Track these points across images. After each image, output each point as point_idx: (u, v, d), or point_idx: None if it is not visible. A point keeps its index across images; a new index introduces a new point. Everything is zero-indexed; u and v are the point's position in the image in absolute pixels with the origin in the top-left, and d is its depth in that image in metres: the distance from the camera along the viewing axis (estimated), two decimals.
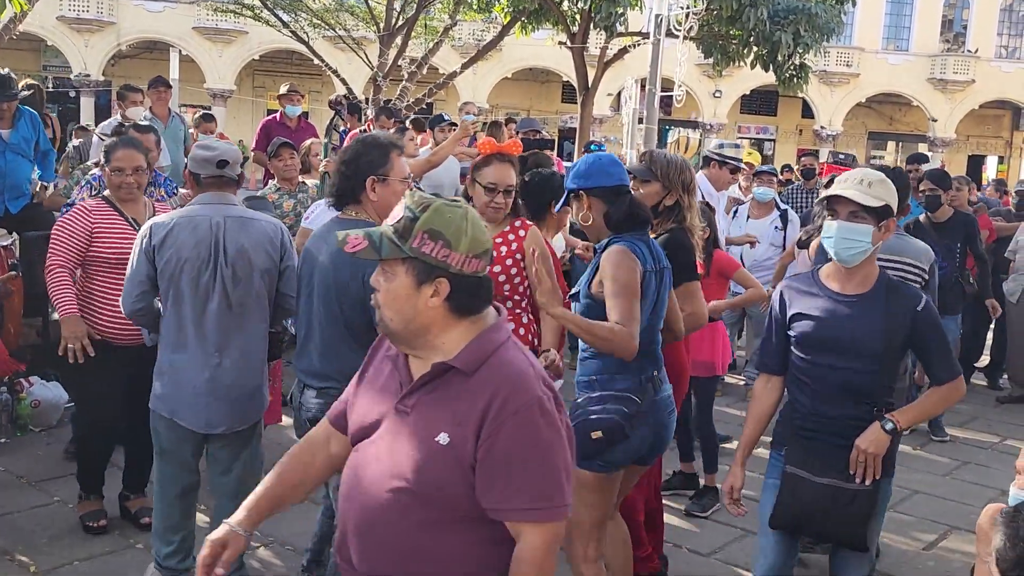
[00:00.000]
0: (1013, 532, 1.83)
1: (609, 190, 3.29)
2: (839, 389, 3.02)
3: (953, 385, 3.04)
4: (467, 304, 1.98)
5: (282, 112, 9.10)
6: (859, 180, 2.97)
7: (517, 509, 1.91)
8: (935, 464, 6.32)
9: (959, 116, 34.29)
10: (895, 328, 2.98)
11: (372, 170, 3.21)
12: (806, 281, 3.14)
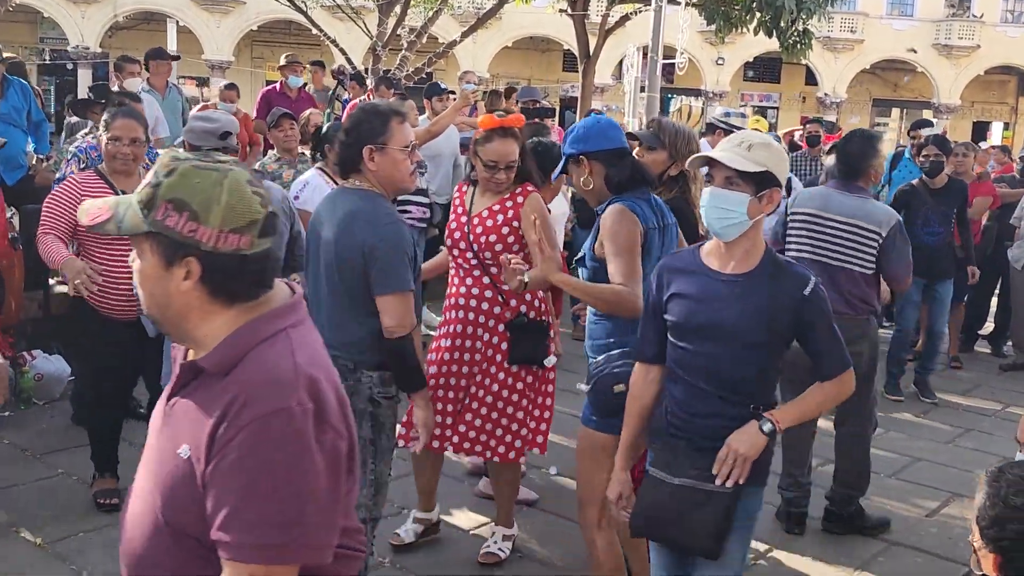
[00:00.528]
0: (994, 491, 1.84)
1: (610, 153, 3.26)
2: (714, 382, 2.68)
3: (842, 379, 2.74)
4: (228, 288, 1.63)
5: (282, 82, 9.04)
6: (739, 142, 2.64)
7: (233, 544, 1.52)
8: (938, 431, 6.33)
9: (964, 82, 34.06)
10: (778, 314, 2.64)
11: (370, 139, 3.18)
12: (686, 258, 2.80)
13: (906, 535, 4.62)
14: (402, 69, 13.37)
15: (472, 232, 3.86)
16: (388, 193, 3.27)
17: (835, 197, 4.47)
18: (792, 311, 2.63)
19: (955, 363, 8.02)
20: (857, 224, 4.38)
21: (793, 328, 2.67)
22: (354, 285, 3.14)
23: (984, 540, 1.85)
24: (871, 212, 4.41)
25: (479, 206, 3.91)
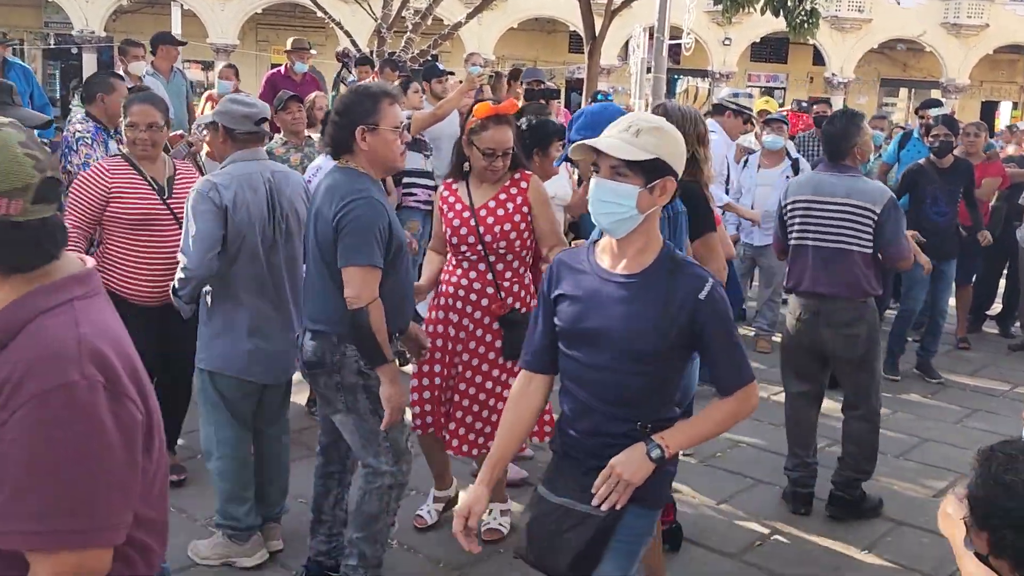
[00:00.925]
0: (985, 470, 1.84)
1: None
2: (600, 397, 2.42)
3: (744, 394, 2.46)
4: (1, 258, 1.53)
5: (288, 66, 9.01)
6: (626, 126, 2.37)
7: (14, 532, 1.44)
8: (945, 411, 6.32)
9: (973, 61, 33.83)
10: (670, 320, 2.35)
11: (362, 119, 3.22)
12: (580, 254, 2.53)
13: (914, 515, 4.62)
14: (407, 51, 13.31)
15: (482, 224, 3.84)
16: (379, 173, 3.33)
17: (825, 180, 4.46)
18: (687, 316, 2.35)
19: (963, 344, 8.01)
20: (851, 204, 4.36)
21: (688, 336, 2.38)
22: (331, 259, 3.21)
23: (975, 518, 1.86)
24: (863, 190, 4.39)
25: (481, 198, 3.88)
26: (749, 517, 4.52)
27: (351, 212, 3.15)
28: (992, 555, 1.86)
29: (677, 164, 2.39)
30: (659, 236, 2.45)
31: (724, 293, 2.41)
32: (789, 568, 4.04)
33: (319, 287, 3.29)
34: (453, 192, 3.96)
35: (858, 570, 4.07)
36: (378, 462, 3.37)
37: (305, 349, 3.35)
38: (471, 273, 3.89)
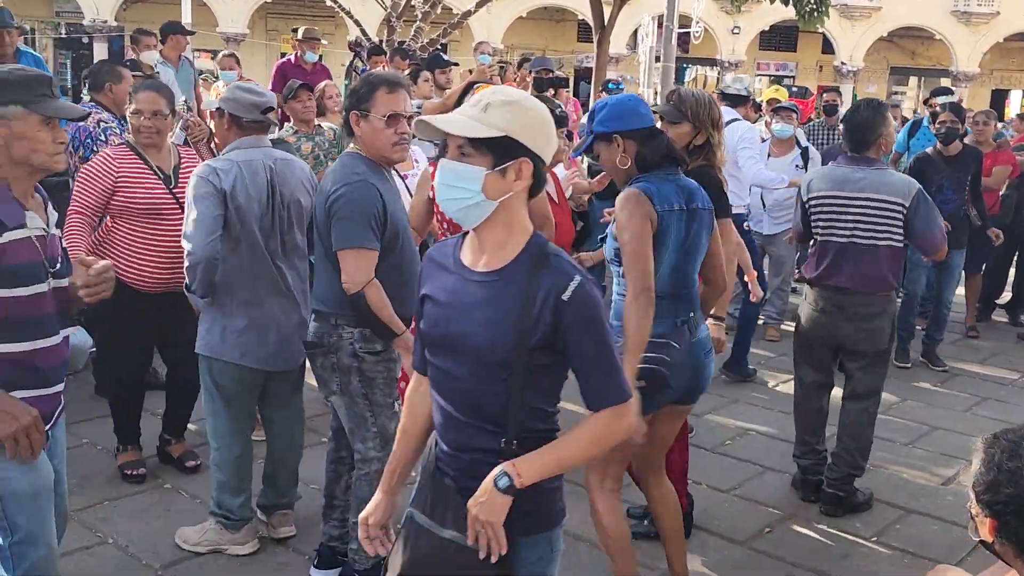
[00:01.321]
0: (989, 456, 1.86)
1: (643, 132, 3.21)
2: (465, 409, 2.17)
3: (614, 414, 2.13)
4: None
5: (298, 55, 9.03)
6: (475, 101, 2.11)
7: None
8: (955, 400, 6.33)
9: (983, 49, 33.63)
10: (532, 323, 2.06)
11: (356, 105, 3.27)
12: (447, 249, 2.27)
13: (923, 503, 4.64)
14: (416, 40, 13.31)
15: None
16: (382, 159, 3.31)
17: (850, 175, 4.34)
18: (550, 319, 2.06)
19: (972, 332, 8.00)
20: (879, 199, 4.26)
21: (552, 341, 2.09)
22: (327, 242, 3.24)
23: (980, 505, 1.88)
24: (890, 183, 4.29)
25: None
26: (758, 504, 4.54)
27: (343, 196, 3.18)
28: (997, 542, 1.88)
29: (535, 143, 2.09)
30: (526, 226, 2.16)
31: (596, 294, 2.11)
32: (798, 555, 4.06)
33: (321, 269, 3.35)
34: None
35: (867, 557, 4.09)
36: (365, 448, 3.41)
37: (310, 332, 3.41)
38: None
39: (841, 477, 4.48)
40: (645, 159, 3.18)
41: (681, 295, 3.23)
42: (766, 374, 6.60)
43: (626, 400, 2.15)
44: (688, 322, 3.24)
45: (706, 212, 3.25)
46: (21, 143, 2.47)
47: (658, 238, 3.11)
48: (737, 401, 5.95)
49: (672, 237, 3.15)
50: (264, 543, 3.91)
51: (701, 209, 3.22)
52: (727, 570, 3.90)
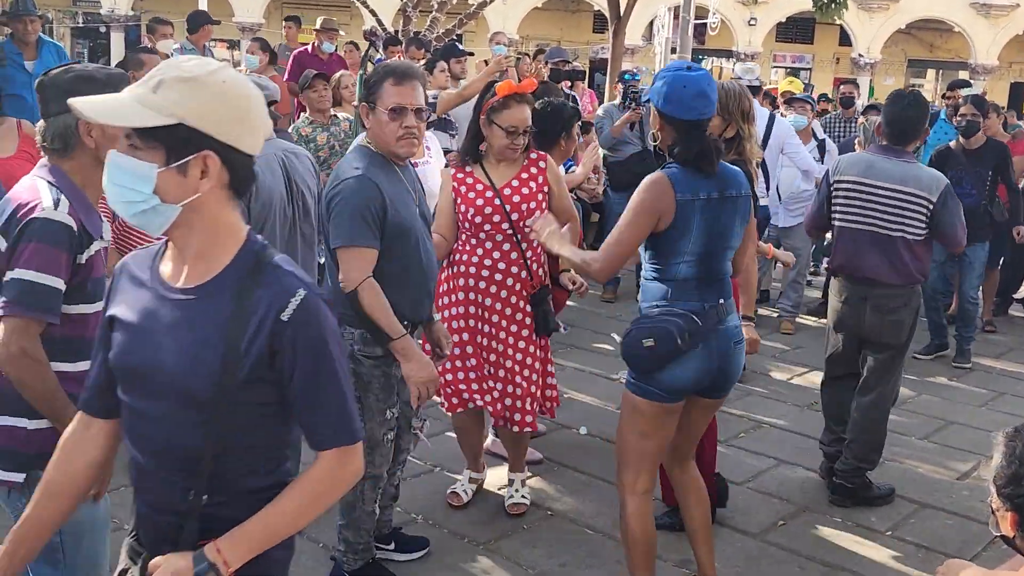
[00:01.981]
0: (1010, 450, 1.86)
1: (685, 123, 3.08)
2: (155, 456, 1.77)
3: (342, 457, 1.79)
4: None
5: (315, 44, 9.04)
6: (147, 78, 1.71)
7: None
8: (971, 394, 6.30)
9: (1002, 42, 33.33)
10: (242, 350, 1.69)
11: (365, 96, 3.26)
12: (145, 258, 1.87)
13: (938, 497, 4.62)
14: (432, 31, 13.29)
15: (508, 203, 3.86)
16: (390, 151, 3.23)
17: (880, 164, 4.33)
18: (266, 345, 1.70)
19: (989, 327, 7.95)
20: (906, 191, 4.25)
21: (268, 373, 1.72)
22: (328, 239, 3.24)
23: (1001, 499, 1.87)
24: (919, 177, 4.28)
25: (502, 178, 3.90)
26: (772, 497, 4.53)
27: (340, 192, 3.13)
28: (1018, 536, 1.87)
29: (222, 130, 1.68)
30: (236, 231, 1.77)
31: (325, 311, 1.77)
32: (811, 548, 4.05)
33: (329, 267, 3.34)
34: (468, 174, 3.93)
35: (881, 552, 4.08)
36: None
37: None
38: (495, 253, 3.90)
39: (850, 469, 4.46)
40: (677, 152, 3.09)
41: (711, 280, 3.14)
42: (780, 367, 6.58)
43: (356, 441, 1.80)
44: (717, 308, 3.14)
45: (741, 199, 3.17)
46: (115, 143, 2.42)
47: (678, 227, 3.06)
48: (751, 394, 5.94)
49: (696, 225, 3.07)
50: None
51: (736, 196, 3.15)
52: (740, 562, 3.90)
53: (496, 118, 3.81)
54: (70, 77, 2.35)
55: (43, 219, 2.23)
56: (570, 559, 3.85)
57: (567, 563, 3.82)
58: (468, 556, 3.86)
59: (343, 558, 3.50)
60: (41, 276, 2.21)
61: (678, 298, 3.09)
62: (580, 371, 6.12)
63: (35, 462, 2.25)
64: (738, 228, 3.19)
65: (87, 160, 2.34)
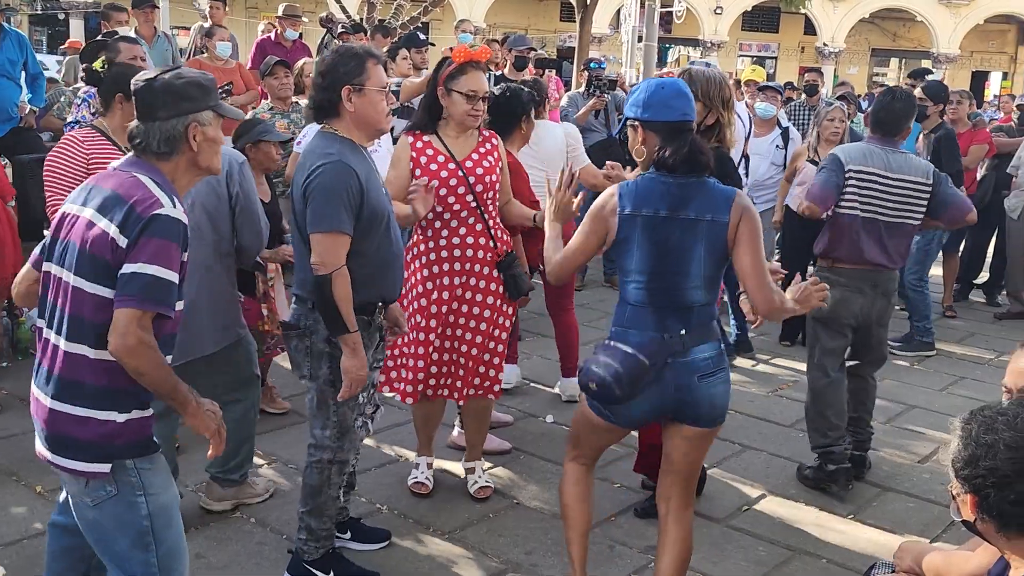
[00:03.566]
0: (966, 433, 1.88)
1: (668, 125, 2.94)
2: None
3: None
4: None
5: (278, 32, 8.92)
6: None
7: None
8: (932, 379, 6.38)
9: (963, 31, 33.74)
10: None
11: (348, 79, 3.16)
12: None
13: (900, 481, 4.67)
14: (397, 18, 13.21)
15: (472, 175, 3.85)
16: (364, 136, 3.26)
17: (883, 155, 4.50)
18: None
19: (950, 312, 8.06)
20: (912, 180, 4.47)
21: None
22: (303, 225, 3.19)
23: (960, 482, 1.89)
24: (917, 166, 4.53)
25: (462, 150, 3.90)
26: (736, 483, 4.56)
27: (318, 177, 3.10)
28: (979, 520, 1.89)
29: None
30: None
31: None
32: (775, 533, 4.08)
33: (299, 254, 3.31)
34: (427, 144, 3.89)
35: (844, 535, 4.11)
36: (322, 435, 3.36)
37: (290, 311, 3.40)
38: (461, 230, 3.89)
39: (868, 438, 4.76)
40: (663, 158, 2.91)
41: (671, 308, 2.93)
42: (744, 355, 6.62)
43: None
44: (678, 339, 2.91)
45: (704, 224, 2.89)
46: (212, 147, 2.52)
47: (619, 242, 2.95)
48: None
49: (637, 243, 2.92)
50: (240, 523, 3.90)
51: (695, 220, 2.89)
52: (705, 548, 3.91)
53: (454, 85, 3.81)
54: (183, 83, 2.46)
55: (166, 216, 2.35)
56: (536, 547, 3.85)
57: (533, 551, 3.82)
58: (433, 545, 3.84)
59: (304, 547, 3.46)
60: (163, 271, 2.33)
61: (632, 325, 2.95)
62: (546, 360, 6.11)
63: (123, 452, 2.42)
64: (701, 254, 2.90)
65: (184, 164, 2.49)
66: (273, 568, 3.59)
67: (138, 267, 2.30)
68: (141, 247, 2.31)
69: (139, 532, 2.47)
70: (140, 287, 2.30)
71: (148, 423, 2.49)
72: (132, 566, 2.49)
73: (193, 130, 2.45)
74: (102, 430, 2.40)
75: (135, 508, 2.46)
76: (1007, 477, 1.81)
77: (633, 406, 2.96)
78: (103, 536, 2.50)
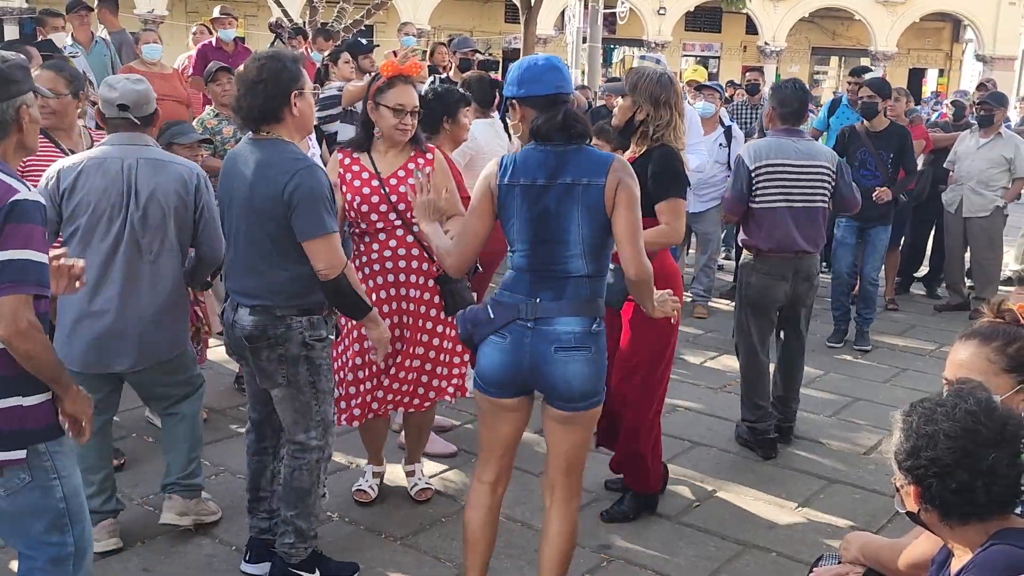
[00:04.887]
0: (907, 425, 1.93)
1: (543, 99, 2.98)
2: None
3: None
4: None
5: (217, 37, 8.80)
6: None
7: None
8: (875, 371, 6.49)
9: (900, 29, 34.42)
10: None
11: (294, 84, 3.19)
12: None
13: (845, 473, 4.75)
14: (340, 21, 13.11)
15: (394, 193, 3.83)
16: (300, 137, 3.32)
17: (790, 145, 4.77)
18: None
19: (891, 305, 8.21)
20: (815, 165, 4.76)
21: None
22: (276, 234, 3.17)
23: (903, 473, 1.93)
24: (820, 151, 4.84)
25: (389, 167, 3.87)
26: (686, 479, 4.60)
27: (303, 184, 3.10)
28: (922, 511, 1.92)
29: None
30: None
31: None
32: (725, 528, 4.12)
33: (258, 263, 3.23)
34: (355, 160, 3.90)
35: (792, 527, 4.17)
36: (307, 437, 3.36)
37: (242, 324, 3.28)
38: (391, 242, 3.86)
39: (792, 413, 5.10)
40: (535, 126, 2.97)
41: (545, 276, 2.95)
42: (694, 351, 6.68)
43: None
44: (535, 306, 2.93)
45: (581, 187, 2.90)
46: (35, 128, 2.55)
47: (502, 212, 3.00)
48: None
49: (517, 212, 2.95)
50: (188, 535, 3.83)
51: (572, 184, 2.90)
52: (655, 545, 3.94)
53: (382, 99, 3.81)
54: (8, 67, 2.45)
55: (26, 201, 2.34)
56: None
57: None
58: (386, 552, 3.82)
59: (290, 551, 3.42)
60: (36, 255, 2.34)
61: (508, 287, 3.02)
62: None
63: (35, 436, 2.43)
64: (578, 220, 2.90)
65: (12, 146, 2.48)
66: None
67: (11, 254, 2.30)
68: (9, 235, 2.30)
69: (56, 515, 2.50)
70: (19, 271, 2.31)
71: (52, 406, 2.48)
72: (48, 549, 2.51)
73: (23, 112, 2.44)
74: (11, 417, 2.39)
75: (50, 492, 2.47)
76: (948, 467, 1.85)
77: (491, 365, 3.00)
78: (16, 524, 2.51)
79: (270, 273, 3.21)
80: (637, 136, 3.92)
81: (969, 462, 1.83)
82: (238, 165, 3.25)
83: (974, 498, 1.84)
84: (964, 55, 36.77)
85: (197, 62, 8.58)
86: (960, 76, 36.10)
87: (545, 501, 3.15)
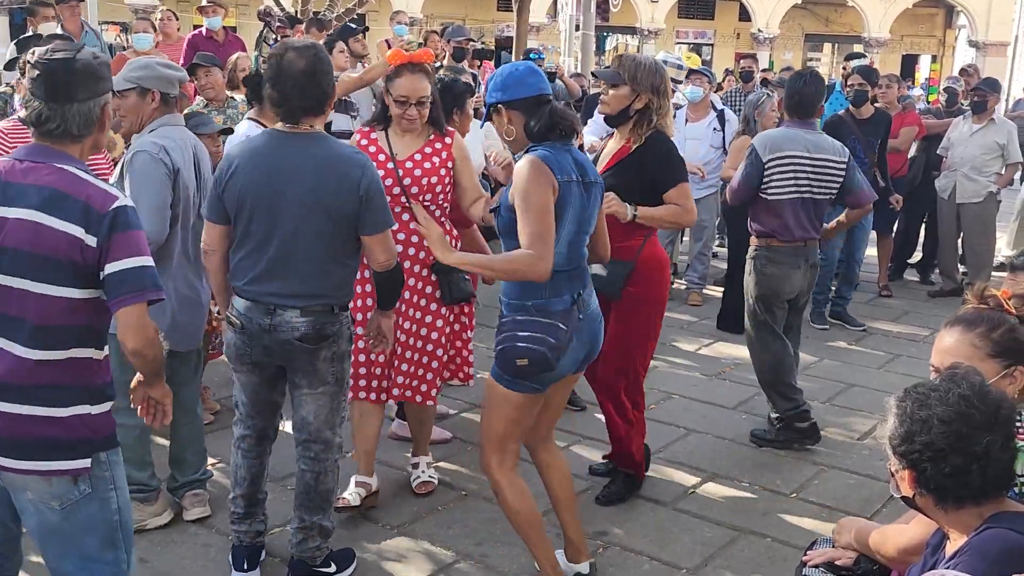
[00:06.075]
0: (901, 411, 1.94)
1: (528, 101, 3.09)
2: None
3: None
4: None
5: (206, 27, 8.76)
6: None
7: None
8: (869, 357, 6.51)
9: (894, 15, 34.40)
10: None
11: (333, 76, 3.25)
12: None
13: (840, 458, 4.76)
14: (332, 10, 13.06)
15: (408, 176, 3.82)
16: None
17: (808, 138, 4.75)
18: None
19: (885, 292, 8.23)
20: (829, 159, 4.74)
21: None
22: (345, 229, 3.14)
23: (897, 458, 1.94)
24: (832, 145, 4.81)
25: (404, 151, 3.86)
26: (682, 466, 4.61)
27: (375, 178, 3.16)
28: (917, 495, 1.94)
29: None
30: None
31: None
32: (720, 514, 4.14)
33: (320, 261, 3.12)
34: (372, 141, 3.90)
35: (787, 513, 4.19)
36: (332, 434, 3.37)
37: (292, 326, 3.13)
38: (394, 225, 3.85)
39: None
40: (531, 129, 3.08)
41: (576, 270, 3.12)
42: (689, 339, 6.70)
43: None
44: (578, 301, 3.10)
45: (598, 186, 3.19)
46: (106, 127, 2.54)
47: (558, 210, 2.98)
48: (657, 367, 6.02)
49: (571, 209, 3.03)
50: (184, 526, 3.84)
51: (594, 183, 3.16)
52: (651, 532, 3.95)
53: (389, 87, 3.82)
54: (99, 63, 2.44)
55: (126, 207, 2.35)
56: (486, 537, 3.85)
57: (483, 541, 3.83)
58: (384, 540, 3.83)
59: (316, 552, 3.39)
60: (146, 260, 2.36)
61: (553, 294, 3.03)
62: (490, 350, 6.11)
63: (100, 445, 2.42)
64: (595, 215, 3.20)
65: (89, 145, 2.47)
66: (220, 570, 3.54)
67: (126, 263, 2.30)
68: (118, 243, 2.29)
69: (110, 529, 2.45)
70: (138, 281, 2.32)
71: (112, 416, 2.48)
72: (100, 568, 2.45)
73: (106, 111, 2.44)
74: (81, 424, 2.37)
75: (107, 504, 2.44)
76: (942, 451, 1.86)
77: (566, 361, 3.12)
78: (69, 542, 2.42)
79: (333, 270, 3.15)
80: (633, 124, 3.90)
81: (963, 446, 1.84)
82: (277, 160, 3.08)
83: (968, 482, 1.86)
84: (957, 41, 36.74)
85: (187, 52, 8.54)
86: (953, 62, 36.06)
87: (538, 451, 3.44)
